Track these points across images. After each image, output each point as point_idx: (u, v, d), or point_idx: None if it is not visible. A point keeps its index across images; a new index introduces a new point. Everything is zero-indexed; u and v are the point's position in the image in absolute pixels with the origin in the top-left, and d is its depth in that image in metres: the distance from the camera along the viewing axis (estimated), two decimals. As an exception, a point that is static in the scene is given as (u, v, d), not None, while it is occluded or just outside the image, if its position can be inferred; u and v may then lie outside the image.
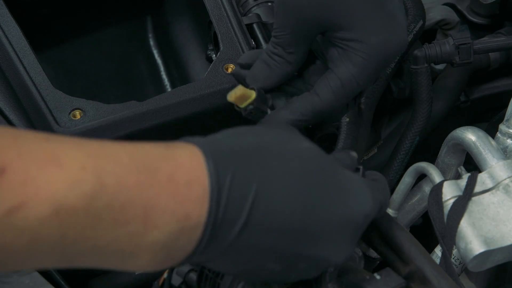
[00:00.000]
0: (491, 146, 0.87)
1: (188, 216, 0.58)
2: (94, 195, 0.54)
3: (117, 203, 0.55)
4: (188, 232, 0.58)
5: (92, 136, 0.86)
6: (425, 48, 0.95)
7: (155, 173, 0.57)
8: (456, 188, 0.85)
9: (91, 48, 1.12)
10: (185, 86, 0.92)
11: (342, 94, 0.80)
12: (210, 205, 0.58)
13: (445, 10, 1.08)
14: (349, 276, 0.73)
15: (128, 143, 0.58)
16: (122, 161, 0.56)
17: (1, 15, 0.92)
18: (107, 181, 0.55)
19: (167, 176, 0.57)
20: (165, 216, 0.57)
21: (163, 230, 0.57)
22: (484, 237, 0.82)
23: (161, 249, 0.58)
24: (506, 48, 1.00)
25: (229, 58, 0.94)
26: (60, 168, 0.54)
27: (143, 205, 0.56)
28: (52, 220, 0.53)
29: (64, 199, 0.53)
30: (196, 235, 0.58)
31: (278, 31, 0.82)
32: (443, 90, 1.05)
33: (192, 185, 0.58)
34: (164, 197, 0.57)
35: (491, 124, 1.04)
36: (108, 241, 0.56)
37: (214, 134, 0.64)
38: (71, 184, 0.53)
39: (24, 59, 0.90)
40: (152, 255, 0.58)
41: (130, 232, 0.56)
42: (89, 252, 0.56)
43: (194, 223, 0.58)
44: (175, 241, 0.58)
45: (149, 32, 1.16)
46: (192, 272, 0.77)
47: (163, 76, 1.16)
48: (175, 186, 0.57)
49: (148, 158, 0.58)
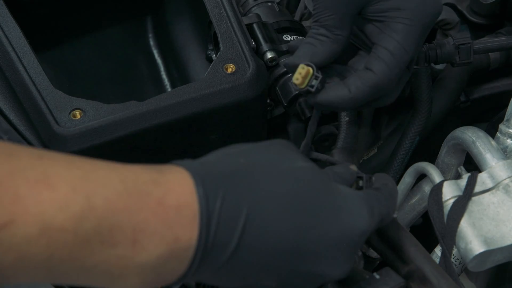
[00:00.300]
0: (491, 146, 0.87)
1: (177, 240, 0.58)
2: (83, 216, 0.55)
3: (105, 226, 0.56)
4: (177, 255, 0.59)
5: (92, 135, 0.86)
6: (425, 48, 0.95)
7: (145, 197, 0.58)
8: (456, 188, 0.85)
9: (91, 48, 1.12)
10: (185, 86, 0.91)
11: (394, 64, 0.79)
12: (200, 229, 0.59)
13: (445, 10, 1.08)
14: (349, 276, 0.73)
15: (120, 165, 0.59)
16: (113, 185, 0.57)
17: (1, 15, 0.92)
18: (97, 203, 0.55)
19: (157, 200, 0.58)
20: (154, 239, 0.57)
21: (152, 253, 0.57)
22: (484, 237, 0.82)
23: (150, 271, 0.58)
24: (506, 48, 1.00)
25: (229, 58, 0.94)
26: (50, 188, 0.54)
27: (132, 228, 0.57)
28: (40, 240, 0.54)
29: (53, 219, 0.54)
30: (186, 258, 0.59)
31: (320, 13, 0.81)
32: (443, 90, 1.04)
33: (182, 209, 0.58)
34: (153, 221, 0.57)
35: (491, 124, 1.05)
36: (96, 262, 0.56)
37: (205, 156, 0.65)
38: (61, 205, 0.54)
39: (24, 59, 0.90)
40: (141, 277, 0.58)
41: (118, 254, 0.56)
42: (76, 272, 0.56)
43: (184, 246, 0.59)
44: (165, 263, 0.59)
45: (149, 32, 1.16)
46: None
47: (163, 76, 1.16)
48: (165, 210, 0.58)
49: (138, 182, 0.58)
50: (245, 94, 0.92)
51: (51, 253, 0.54)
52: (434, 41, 0.96)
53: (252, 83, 0.93)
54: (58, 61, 1.09)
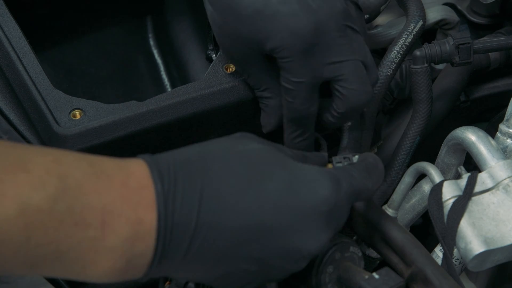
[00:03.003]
0: (491, 146, 0.87)
1: (141, 221, 0.61)
2: (57, 197, 0.58)
3: (78, 206, 0.59)
4: (143, 237, 0.61)
5: (92, 135, 0.86)
6: (425, 48, 0.95)
7: (111, 179, 0.61)
8: (456, 188, 0.85)
9: (91, 48, 1.12)
10: (185, 86, 0.91)
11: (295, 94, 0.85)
12: (158, 210, 0.61)
13: (445, 10, 1.08)
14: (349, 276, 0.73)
15: (88, 154, 0.63)
16: (82, 167, 0.61)
17: (1, 15, 0.92)
18: (70, 184, 0.59)
19: (121, 182, 0.61)
20: (121, 221, 0.60)
21: (120, 235, 0.60)
22: (484, 237, 0.82)
23: (120, 256, 0.61)
24: (506, 48, 1.00)
25: (229, 58, 0.94)
26: (25, 171, 0.57)
27: (101, 209, 0.60)
28: (18, 221, 0.56)
29: (29, 200, 0.57)
30: (151, 241, 0.62)
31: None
32: (443, 90, 1.04)
33: (142, 191, 0.62)
34: (119, 202, 0.60)
35: (491, 124, 1.04)
36: (69, 245, 0.59)
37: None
38: (36, 186, 0.57)
39: (24, 59, 0.90)
40: (112, 262, 0.61)
41: (90, 236, 0.59)
42: (51, 257, 0.59)
43: (148, 228, 0.61)
44: (132, 247, 0.61)
45: (149, 32, 1.17)
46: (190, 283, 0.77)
47: (163, 76, 1.16)
48: (128, 192, 0.61)
49: (104, 166, 0.62)
50: (245, 94, 0.92)
51: (28, 235, 0.57)
52: (434, 41, 0.96)
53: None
54: (58, 61, 1.09)
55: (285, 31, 0.80)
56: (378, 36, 1.07)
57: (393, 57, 0.97)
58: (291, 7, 0.80)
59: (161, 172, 0.63)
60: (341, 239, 0.76)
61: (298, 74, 0.82)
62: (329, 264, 0.74)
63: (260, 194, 0.66)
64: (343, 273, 0.74)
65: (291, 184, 0.67)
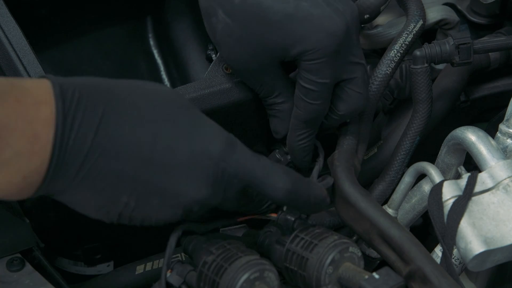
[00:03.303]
0: (491, 146, 0.87)
1: (37, 136, 0.63)
2: None
3: None
4: (38, 152, 0.64)
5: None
6: (425, 48, 0.95)
7: (4, 96, 0.63)
8: (456, 188, 0.85)
9: (91, 48, 1.12)
10: (185, 86, 0.91)
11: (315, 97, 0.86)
12: (56, 125, 0.64)
13: (445, 10, 1.08)
14: (349, 276, 0.73)
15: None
16: None
17: (1, 15, 0.92)
18: None
19: (15, 98, 0.64)
20: (15, 134, 0.63)
21: (15, 148, 0.63)
22: (484, 237, 0.82)
23: (16, 171, 0.64)
24: (506, 48, 1.00)
25: (229, 58, 0.94)
26: None
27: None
28: None
29: None
30: (46, 156, 0.64)
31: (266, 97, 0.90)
32: (443, 90, 1.04)
33: (40, 107, 0.64)
34: (14, 117, 0.63)
35: (491, 124, 1.04)
36: None
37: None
38: None
39: (24, 59, 0.90)
40: (8, 177, 0.64)
41: None
42: None
43: (44, 143, 0.64)
44: (28, 162, 0.64)
45: (149, 32, 1.17)
46: (192, 272, 0.77)
47: (163, 76, 1.16)
48: (23, 108, 0.64)
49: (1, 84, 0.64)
50: (245, 94, 0.92)
51: None
52: (434, 41, 0.96)
53: (252, 83, 0.93)
54: (58, 61, 1.09)
55: (321, 32, 0.82)
56: (378, 36, 1.07)
57: (392, 56, 0.97)
58: (323, 9, 0.83)
59: (64, 91, 0.65)
60: (340, 239, 0.76)
61: (324, 75, 0.84)
62: (328, 264, 0.74)
63: (157, 131, 0.69)
64: (343, 273, 0.74)
65: (187, 132, 0.70)
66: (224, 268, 0.73)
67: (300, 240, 0.77)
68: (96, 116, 0.66)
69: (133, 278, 0.99)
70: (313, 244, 0.76)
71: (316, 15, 0.83)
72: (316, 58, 0.83)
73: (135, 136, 0.68)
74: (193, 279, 0.76)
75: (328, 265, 0.74)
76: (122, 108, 0.68)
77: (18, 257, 0.84)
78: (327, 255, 0.74)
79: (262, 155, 0.98)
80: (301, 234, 0.78)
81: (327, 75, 0.84)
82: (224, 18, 0.85)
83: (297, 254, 0.77)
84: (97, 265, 1.03)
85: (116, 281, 0.98)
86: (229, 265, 0.73)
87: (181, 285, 0.77)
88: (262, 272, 0.73)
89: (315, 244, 0.76)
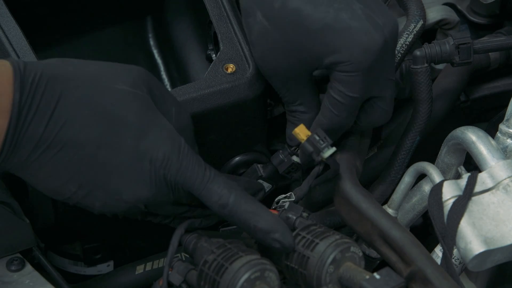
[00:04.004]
0: (491, 146, 0.87)
1: None
2: None
3: None
4: None
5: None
6: (425, 48, 0.95)
7: None
8: (456, 188, 0.85)
9: (91, 47, 1.12)
10: (185, 86, 0.92)
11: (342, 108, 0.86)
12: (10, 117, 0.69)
13: (445, 10, 1.08)
14: (349, 276, 0.73)
15: None
16: None
17: (1, 15, 0.92)
18: None
19: None
20: None
21: None
22: (484, 237, 0.82)
23: None
24: (506, 48, 1.00)
25: (229, 58, 0.94)
26: None
27: None
28: None
29: None
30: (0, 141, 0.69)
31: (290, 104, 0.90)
32: (443, 90, 1.04)
33: (1, 97, 0.69)
34: None
35: (491, 124, 1.04)
36: None
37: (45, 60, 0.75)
38: None
39: (24, 59, 0.90)
40: None
41: None
42: None
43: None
44: None
45: (149, 32, 1.17)
46: (193, 271, 0.77)
47: (163, 76, 1.16)
48: None
49: None
50: (245, 94, 0.92)
51: None
52: (434, 41, 0.96)
53: (252, 83, 0.93)
54: (58, 61, 1.09)
55: (357, 46, 0.82)
56: (378, 36, 1.07)
57: (393, 56, 0.97)
58: (362, 23, 0.82)
59: (24, 82, 0.70)
60: (341, 239, 0.76)
61: (356, 90, 0.84)
62: (330, 263, 0.74)
63: (107, 129, 0.72)
64: (344, 273, 0.74)
65: (137, 134, 0.73)
66: (225, 267, 0.73)
67: (302, 239, 0.77)
68: (49, 110, 0.70)
69: (133, 278, 0.99)
70: (315, 243, 0.76)
71: (354, 28, 0.82)
72: (349, 70, 0.83)
73: (83, 132, 0.72)
74: (194, 278, 0.76)
75: (329, 264, 0.74)
76: (75, 103, 0.72)
77: (18, 257, 0.84)
78: (329, 254, 0.74)
79: (262, 155, 0.98)
80: (302, 232, 0.78)
81: (358, 89, 0.84)
82: (262, 20, 0.85)
83: (298, 252, 0.77)
84: (97, 265, 1.03)
85: (116, 281, 0.99)
86: (230, 264, 0.73)
87: (182, 284, 0.77)
88: (263, 272, 0.73)
89: (316, 243, 0.76)
